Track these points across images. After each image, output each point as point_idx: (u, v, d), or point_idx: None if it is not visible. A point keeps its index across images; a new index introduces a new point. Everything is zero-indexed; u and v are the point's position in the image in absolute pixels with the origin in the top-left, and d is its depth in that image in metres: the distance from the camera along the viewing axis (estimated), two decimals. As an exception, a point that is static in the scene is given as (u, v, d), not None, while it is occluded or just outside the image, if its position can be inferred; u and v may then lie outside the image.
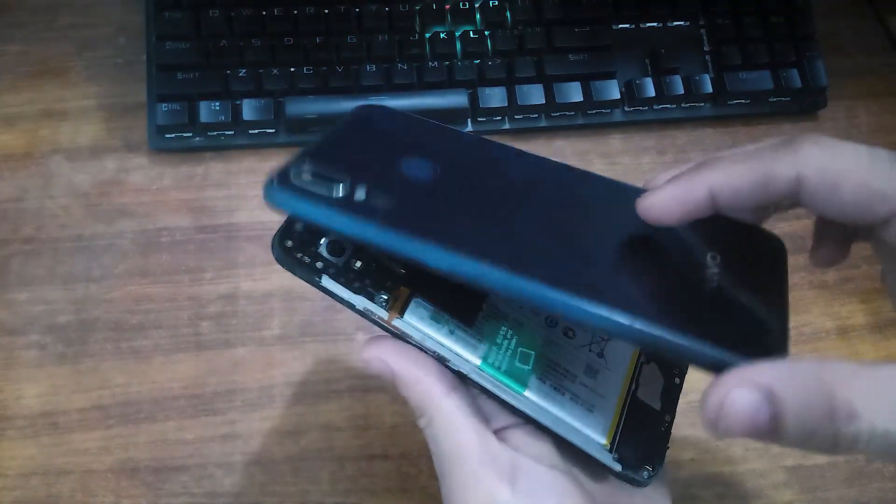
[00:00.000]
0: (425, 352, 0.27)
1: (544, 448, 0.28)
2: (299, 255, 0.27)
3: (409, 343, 0.27)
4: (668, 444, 0.28)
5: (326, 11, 0.50)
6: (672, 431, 0.28)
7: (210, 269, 0.45)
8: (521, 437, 0.28)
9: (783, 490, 0.39)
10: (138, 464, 0.39)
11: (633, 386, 0.29)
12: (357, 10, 0.50)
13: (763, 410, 0.20)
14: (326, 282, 0.27)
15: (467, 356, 0.27)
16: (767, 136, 0.52)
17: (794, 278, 0.46)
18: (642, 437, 0.28)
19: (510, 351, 0.28)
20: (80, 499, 0.38)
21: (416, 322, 0.27)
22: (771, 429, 0.20)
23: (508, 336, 0.28)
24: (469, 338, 0.27)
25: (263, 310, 0.43)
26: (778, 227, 0.51)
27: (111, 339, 0.42)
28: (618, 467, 0.27)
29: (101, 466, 0.38)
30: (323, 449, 0.39)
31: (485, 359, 0.27)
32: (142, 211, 0.47)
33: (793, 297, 0.47)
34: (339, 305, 0.27)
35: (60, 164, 0.48)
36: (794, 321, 0.45)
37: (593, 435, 0.27)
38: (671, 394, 0.29)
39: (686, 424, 0.41)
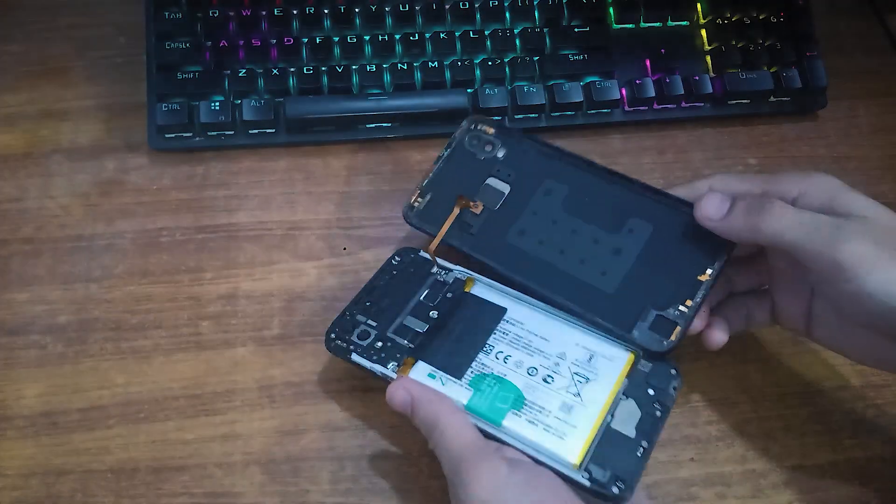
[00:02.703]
0: None
1: None
2: (338, 342, 0.39)
3: None
4: (644, 466, 0.34)
5: (326, 11, 0.50)
6: (651, 456, 0.34)
7: (210, 269, 0.45)
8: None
9: (783, 490, 0.39)
10: (138, 464, 0.39)
11: (609, 418, 0.35)
12: (357, 9, 0.50)
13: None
14: (355, 357, 0.38)
15: (454, 400, 0.36)
16: (767, 135, 0.52)
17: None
18: (614, 459, 0.33)
19: (491, 395, 0.36)
20: (80, 499, 0.38)
21: (416, 379, 0.37)
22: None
23: (491, 384, 0.36)
24: (458, 387, 0.36)
25: (263, 310, 0.43)
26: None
27: (111, 339, 0.42)
28: (587, 483, 0.33)
29: (101, 466, 0.38)
30: (323, 449, 0.39)
31: (469, 401, 0.36)
32: (142, 211, 0.47)
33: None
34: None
35: (60, 164, 0.48)
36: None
37: (563, 457, 0.34)
38: (648, 424, 0.35)
39: (686, 424, 0.41)
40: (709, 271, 0.37)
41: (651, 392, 0.36)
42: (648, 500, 0.37)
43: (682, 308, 0.37)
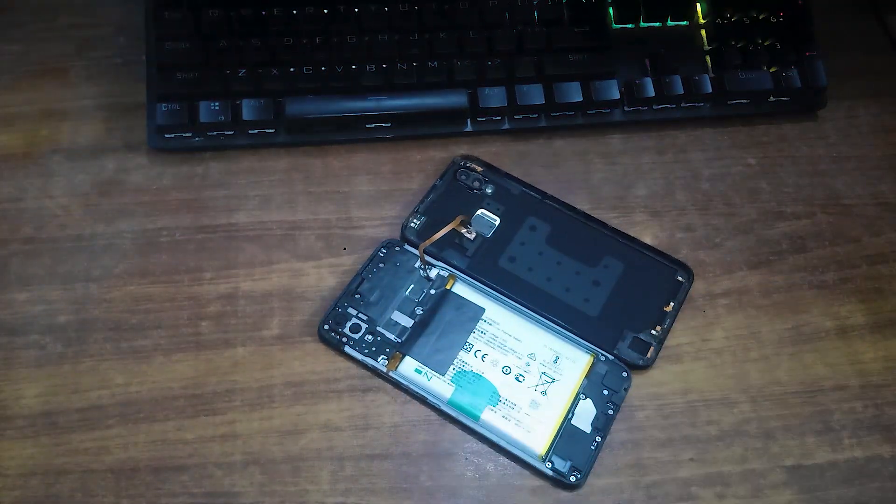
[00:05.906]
0: (412, 393, 0.40)
1: None
2: (332, 333, 0.42)
3: (400, 387, 0.41)
4: (597, 457, 0.39)
5: (326, 11, 0.50)
6: (603, 448, 0.39)
7: (210, 269, 0.45)
8: None
9: (783, 490, 0.39)
10: (138, 464, 0.39)
11: (570, 415, 0.40)
12: (357, 10, 0.50)
13: None
14: (347, 349, 0.42)
15: (439, 395, 0.40)
16: (767, 136, 0.52)
17: (793, 278, 0.46)
18: (573, 452, 0.39)
19: (471, 391, 0.40)
20: (80, 499, 0.38)
21: (404, 373, 0.41)
22: None
23: (472, 381, 0.41)
24: (442, 382, 0.41)
25: (263, 310, 0.43)
26: (777, 227, 0.51)
27: (111, 339, 0.42)
28: (549, 472, 0.39)
29: (100, 466, 0.39)
30: (323, 449, 0.39)
31: (452, 396, 0.40)
32: (142, 211, 0.47)
33: (792, 296, 0.47)
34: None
35: (60, 164, 0.48)
36: (793, 321, 0.45)
37: (531, 448, 0.39)
38: (602, 421, 0.40)
39: (686, 424, 0.41)
40: (672, 304, 0.44)
41: (605, 392, 0.41)
42: None
43: (653, 332, 0.43)
